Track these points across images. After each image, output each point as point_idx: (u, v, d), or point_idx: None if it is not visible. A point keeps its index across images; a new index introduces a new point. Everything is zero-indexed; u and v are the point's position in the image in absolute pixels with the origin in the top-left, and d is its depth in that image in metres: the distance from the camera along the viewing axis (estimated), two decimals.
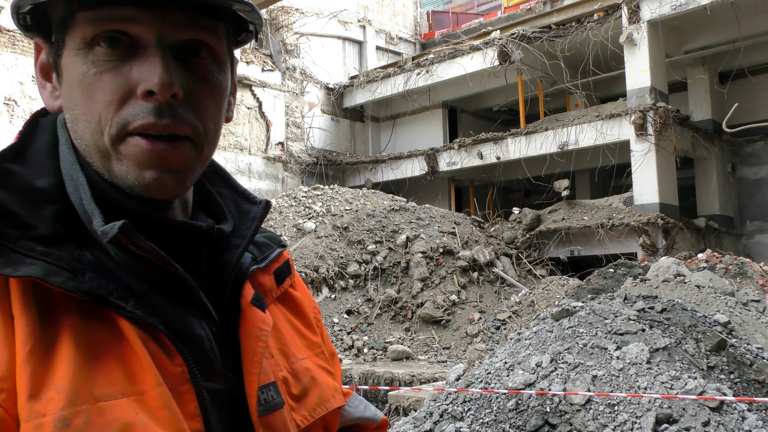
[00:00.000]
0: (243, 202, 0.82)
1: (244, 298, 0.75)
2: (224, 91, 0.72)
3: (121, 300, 0.63)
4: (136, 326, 0.63)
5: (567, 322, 4.89)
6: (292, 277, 0.88)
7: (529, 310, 9.30)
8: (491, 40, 15.26)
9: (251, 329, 0.73)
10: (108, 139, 0.66)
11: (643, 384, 4.01)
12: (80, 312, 0.62)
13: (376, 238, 11.95)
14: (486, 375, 4.66)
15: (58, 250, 0.63)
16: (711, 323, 4.85)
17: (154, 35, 0.65)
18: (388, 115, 19.60)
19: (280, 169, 16.97)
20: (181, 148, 0.67)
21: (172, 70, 0.65)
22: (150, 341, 0.64)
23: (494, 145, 15.09)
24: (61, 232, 0.65)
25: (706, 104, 14.85)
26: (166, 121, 0.65)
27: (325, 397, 0.83)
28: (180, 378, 0.64)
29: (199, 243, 0.73)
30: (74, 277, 0.62)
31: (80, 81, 0.66)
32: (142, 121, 0.65)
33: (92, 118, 0.66)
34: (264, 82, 16.69)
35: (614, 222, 12.34)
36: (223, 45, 0.72)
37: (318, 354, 0.87)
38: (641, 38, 12.78)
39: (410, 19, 22.25)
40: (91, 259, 0.65)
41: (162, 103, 0.65)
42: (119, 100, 0.65)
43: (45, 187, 0.67)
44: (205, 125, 0.69)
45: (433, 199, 16.56)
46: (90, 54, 0.65)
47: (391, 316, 10.85)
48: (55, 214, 0.66)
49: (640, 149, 12.55)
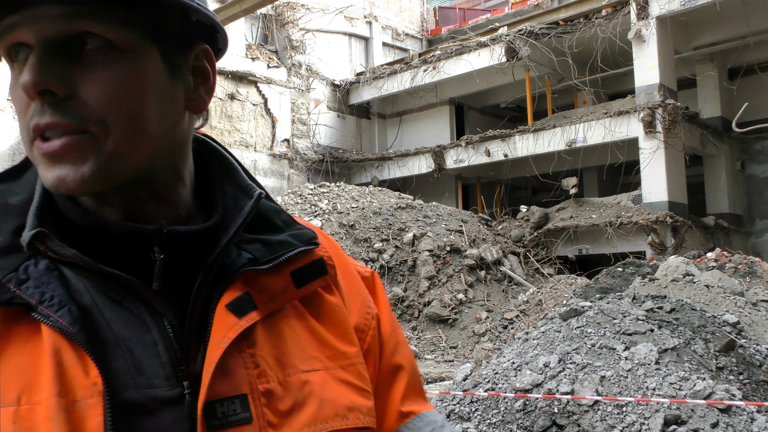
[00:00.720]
0: (242, 198, 0.79)
1: (222, 302, 0.72)
2: (134, 80, 0.68)
3: (51, 308, 0.64)
4: (61, 335, 0.63)
5: (575, 321, 4.86)
6: (326, 279, 0.81)
7: (537, 309, 9.26)
8: (498, 37, 15.19)
9: (215, 336, 0.70)
10: (28, 146, 0.68)
11: (652, 385, 3.98)
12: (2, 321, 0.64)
13: (383, 236, 11.93)
14: (493, 375, 4.64)
15: (5, 260, 0.66)
16: (720, 323, 4.81)
17: (33, 36, 0.65)
18: (395, 112, 19.56)
19: (285, 166, 16.97)
20: (75, 141, 0.66)
21: (43, 67, 0.64)
22: (68, 351, 0.63)
23: (501, 142, 15.03)
24: (15, 243, 0.67)
25: (715, 101, 14.74)
26: (46, 120, 0.65)
27: (323, 416, 0.75)
28: (90, 390, 0.62)
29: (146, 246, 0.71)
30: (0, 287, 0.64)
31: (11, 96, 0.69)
32: (32, 123, 0.66)
33: (21, 127, 0.69)
34: (269, 78, 16.68)
35: (622, 220, 12.28)
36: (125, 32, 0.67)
37: (345, 366, 0.79)
38: (650, 34, 12.68)
39: (417, 15, 22.19)
40: (40, 269, 0.66)
41: (42, 103, 0.65)
42: (24, 108, 0.67)
43: (16, 203, 0.71)
44: (110, 115, 0.66)
45: (440, 196, 16.52)
46: (12, 70, 0.68)
47: (398, 314, 10.84)
48: (15, 227, 0.68)
49: (649, 147, 12.46)
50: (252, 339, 0.72)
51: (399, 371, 0.88)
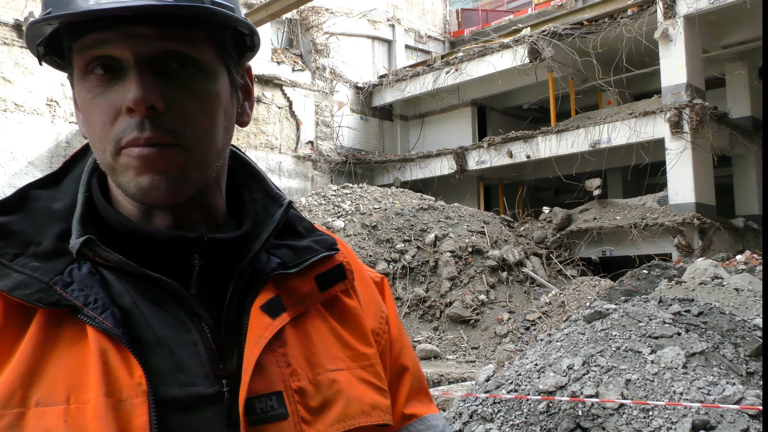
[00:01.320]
0: (272, 206, 0.83)
1: (256, 303, 0.76)
2: (213, 98, 0.74)
3: (96, 310, 0.66)
4: (105, 336, 0.66)
5: (599, 324, 4.80)
6: (345, 283, 0.86)
7: (560, 311, 9.17)
8: (521, 38, 15.09)
9: (251, 336, 0.73)
10: (109, 156, 0.71)
11: (679, 389, 3.91)
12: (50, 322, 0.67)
13: (405, 237, 11.93)
14: (516, 376, 4.61)
15: (51, 264, 0.68)
16: (751, 327, 4.71)
17: (130, 53, 0.69)
18: (417, 114, 19.55)
19: (309, 167, 17.07)
20: (169, 152, 0.70)
21: (148, 84, 0.68)
22: (113, 352, 0.66)
23: (524, 143, 14.92)
24: (61, 247, 0.70)
25: (745, 100, 14.45)
26: (147, 134, 0.69)
27: (350, 413, 0.79)
28: (135, 390, 0.65)
29: (187, 252, 0.74)
30: (48, 289, 0.66)
31: (83, 107, 0.72)
32: (128, 137, 0.69)
33: (95, 139, 0.72)
34: (294, 81, 16.81)
35: (648, 222, 12.10)
36: (206, 52, 0.73)
37: (365, 366, 0.84)
38: (677, 33, 12.48)
39: (439, 18, 22.15)
40: (83, 273, 0.69)
41: (143, 117, 0.68)
42: (111, 120, 0.70)
43: (59, 209, 0.74)
44: (194, 130, 0.72)
45: (462, 198, 16.46)
46: (86, 81, 0.71)
47: (420, 315, 10.82)
48: (60, 231, 0.72)
49: (676, 147, 12.26)
50: (283, 339, 0.76)
51: (404, 373, 0.92)
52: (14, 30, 12.29)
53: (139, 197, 0.72)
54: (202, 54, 0.73)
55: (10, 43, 12.24)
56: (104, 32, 0.68)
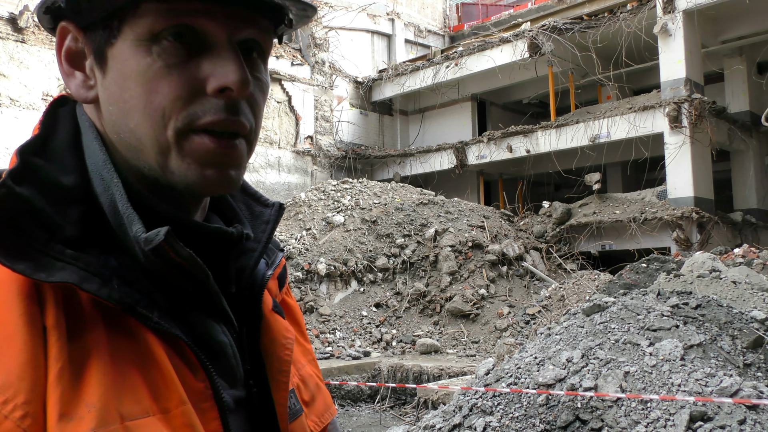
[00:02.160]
0: (255, 205, 0.80)
1: (265, 305, 0.75)
2: (268, 90, 0.72)
3: (147, 309, 0.61)
4: (160, 338, 0.61)
5: (598, 317, 4.84)
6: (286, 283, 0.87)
7: (559, 305, 9.22)
8: (521, 32, 15.09)
9: (276, 337, 0.73)
10: (172, 133, 0.63)
11: (677, 381, 3.96)
12: (106, 323, 0.59)
13: (405, 232, 11.96)
14: (516, 370, 4.65)
15: (86, 255, 0.59)
16: (748, 320, 4.75)
17: (225, 32, 0.63)
18: (417, 109, 19.55)
19: (309, 162, 17.09)
20: (240, 146, 0.66)
21: (245, 69, 0.64)
22: (174, 355, 0.62)
23: (524, 138, 14.94)
24: (87, 234, 0.61)
25: (743, 95, 14.47)
26: (236, 118, 0.64)
27: (328, 403, 0.84)
28: (203, 395, 0.63)
29: (228, 249, 0.71)
30: (106, 284, 0.59)
31: (143, 72, 0.62)
32: (212, 117, 0.63)
33: (154, 111, 0.62)
34: (293, 76, 16.80)
35: (647, 216, 12.14)
36: (271, 44, 0.71)
37: (311, 361, 0.86)
38: (676, 28, 12.49)
39: (439, 12, 22.12)
40: (116, 266, 0.61)
41: (235, 100, 0.64)
42: (188, 95, 0.63)
43: (71, 185, 0.63)
44: (257, 123, 0.69)
45: (462, 192, 16.49)
46: (155, 46, 0.62)
47: (420, 309, 10.87)
48: (81, 215, 0.62)
49: (674, 142, 12.30)
50: None
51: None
52: (9, 24, 12.19)
53: (196, 188, 0.65)
54: (269, 46, 0.70)
55: (5, 37, 12.20)
56: (206, 4, 0.62)
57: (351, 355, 9.15)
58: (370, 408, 7.99)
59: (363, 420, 7.47)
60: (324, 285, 10.93)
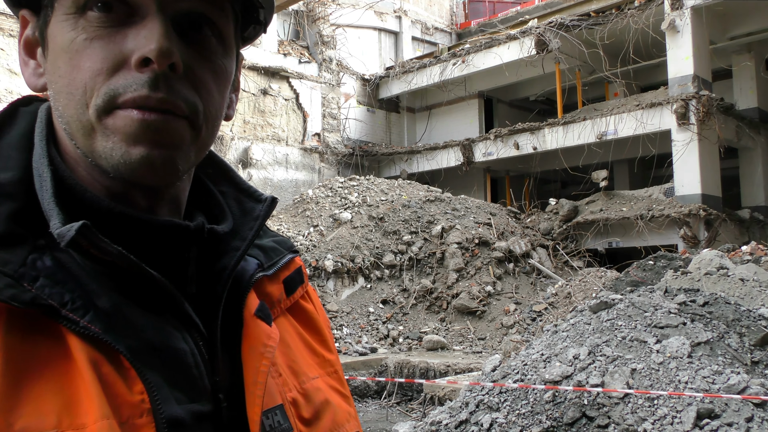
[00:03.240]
0: (247, 201, 0.74)
1: (248, 309, 0.67)
2: (228, 77, 0.65)
3: (76, 312, 0.54)
4: (90, 345, 0.54)
5: (605, 314, 4.86)
6: (304, 287, 0.80)
7: (566, 302, 9.23)
8: (528, 29, 15.06)
9: (254, 345, 0.65)
10: (93, 112, 0.57)
11: (684, 378, 3.97)
12: (22, 328, 0.53)
13: (412, 229, 11.99)
14: (522, 366, 4.67)
15: (7, 253, 0.54)
16: (755, 317, 4.76)
17: (154, 1, 0.58)
18: (424, 106, 19.56)
19: (316, 159, 17.14)
20: (177, 124, 0.59)
21: (171, 40, 0.57)
22: (105, 363, 0.54)
23: (531, 135, 14.93)
24: (16, 232, 0.56)
25: (751, 92, 14.39)
26: (161, 95, 0.57)
27: (339, 422, 0.74)
28: (138, 409, 0.55)
29: (185, 244, 0.64)
30: (17, 285, 0.53)
31: (67, 48, 0.58)
32: (134, 94, 0.57)
33: (76, 89, 0.58)
34: (301, 73, 16.84)
35: (654, 213, 12.12)
36: (230, 27, 0.65)
37: (331, 374, 0.78)
38: (684, 25, 12.44)
39: (446, 9, 22.10)
40: (48, 265, 0.56)
41: (158, 73, 0.57)
42: (109, 69, 0.57)
43: (6, 182, 0.58)
44: (206, 106, 0.62)
45: (469, 189, 16.50)
46: (81, 19, 0.57)
47: (426, 306, 10.91)
48: (11, 211, 0.57)
49: (682, 139, 12.26)
50: None
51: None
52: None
53: (123, 171, 0.58)
54: (227, 26, 0.64)
55: (15, 35, 12.31)
56: None
57: (358, 351, 9.20)
58: (376, 404, 8.04)
59: (370, 416, 7.51)
60: (331, 281, 10.98)
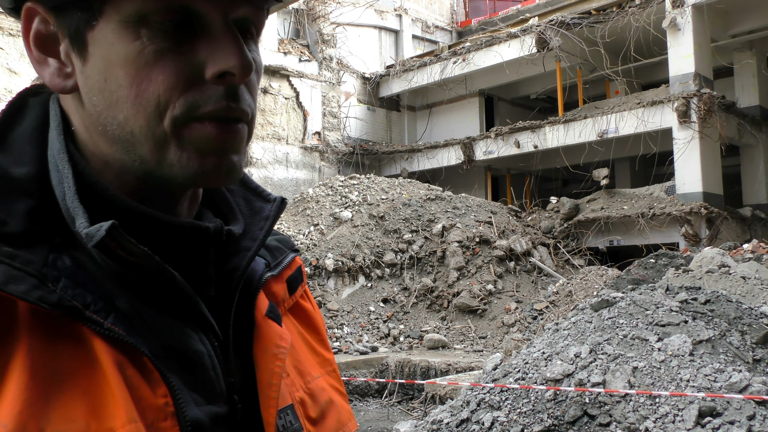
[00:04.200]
0: (255, 200, 0.73)
1: (258, 310, 0.67)
2: (262, 70, 0.65)
3: (99, 314, 0.54)
4: (114, 347, 0.54)
5: (606, 312, 4.85)
6: (303, 286, 0.79)
7: (567, 301, 9.22)
8: (529, 27, 15.04)
9: (267, 346, 0.66)
10: (170, 123, 0.57)
11: (686, 376, 3.96)
12: (46, 330, 0.52)
13: (412, 227, 11.98)
14: (523, 365, 4.66)
15: (28, 252, 0.53)
16: (757, 315, 4.74)
17: (220, 11, 0.57)
18: (424, 104, 19.55)
19: (317, 158, 17.13)
20: (242, 130, 0.61)
21: (246, 51, 0.58)
22: (129, 366, 0.54)
23: (532, 133, 14.91)
24: (34, 230, 0.55)
25: (753, 90, 14.37)
26: (238, 105, 0.59)
27: (342, 420, 0.75)
28: (162, 412, 0.55)
29: (205, 246, 0.64)
30: (43, 285, 0.52)
31: (133, 59, 0.56)
32: (215, 105, 0.57)
33: (148, 101, 0.57)
34: (301, 72, 16.83)
35: (655, 211, 12.10)
36: (265, 21, 0.64)
37: (330, 372, 0.79)
38: (685, 23, 12.42)
39: (447, 7, 22.08)
40: (69, 265, 0.55)
41: (236, 85, 0.58)
42: (185, 82, 0.57)
43: (21, 177, 0.57)
44: (255, 107, 0.63)
45: (470, 188, 16.48)
46: (144, 29, 0.56)
47: (427, 305, 10.89)
48: (29, 208, 0.56)
49: (683, 137, 12.24)
50: None
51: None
52: None
53: (197, 180, 0.59)
54: (262, 23, 0.63)
55: (15, 35, 12.29)
56: None
57: (359, 350, 9.19)
58: (377, 403, 8.03)
59: (371, 415, 7.51)
60: (332, 280, 10.97)
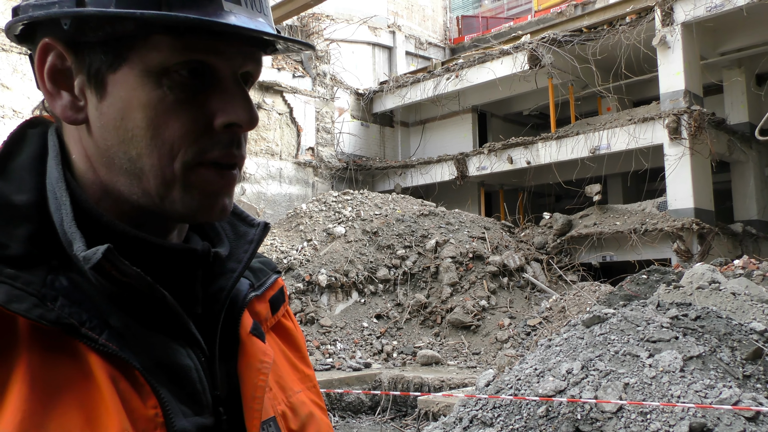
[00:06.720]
0: (240, 225, 0.79)
1: (243, 328, 0.72)
2: None
3: (94, 331, 0.58)
4: (108, 362, 0.58)
5: (598, 328, 4.86)
6: (285, 305, 0.84)
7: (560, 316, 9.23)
8: (521, 44, 15.19)
9: (251, 362, 0.70)
10: (180, 166, 0.64)
11: (677, 392, 3.97)
12: (44, 346, 0.56)
13: (406, 243, 11.99)
14: (516, 381, 4.66)
15: (28, 274, 0.57)
16: (747, 331, 4.77)
17: (230, 67, 0.65)
18: (418, 120, 19.65)
19: (310, 174, 17.16)
20: (236, 177, 0.68)
21: (251, 104, 0.66)
22: (122, 379, 0.58)
23: (524, 149, 15.01)
24: (33, 253, 0.59)
25: (742, 107, 14.54)
26: (239, 153, 0.67)
27: None
28: (152, 422, 0.59)
29: (193, 267, 0.69)
30: (42, 304, 0.56)
31: (153, 106, 0.62)
32: (221, 152, 0.65)
33: (162, 143, 0.63)
34: (295, 88, 16.91)
35: (647, 227, 12.16)
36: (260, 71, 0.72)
37: (310, 388, 0.83)
38: (675, 41, 12.58)
39: (440, 24, 22.28)
40: (65, 285, 0.59)
41: (240, 135, 0.66)
42: (197, 130, 0.64)
43: (21, 204, 0.62)
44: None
45: (463, 203, 16.53)
46: (165, 79, 0.62)
47: (421, 320, 10.87)
48: (29, 233, 0.60)
49: (674, 153, 12.35)
50: None
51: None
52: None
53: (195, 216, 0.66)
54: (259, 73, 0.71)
55: (8, 50, 12.29)
56: (217, 41, 0.63)
57: (352, 366, 9.15)
58: (370, 420, 7.98)
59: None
60: (325, 296, 10.94)
